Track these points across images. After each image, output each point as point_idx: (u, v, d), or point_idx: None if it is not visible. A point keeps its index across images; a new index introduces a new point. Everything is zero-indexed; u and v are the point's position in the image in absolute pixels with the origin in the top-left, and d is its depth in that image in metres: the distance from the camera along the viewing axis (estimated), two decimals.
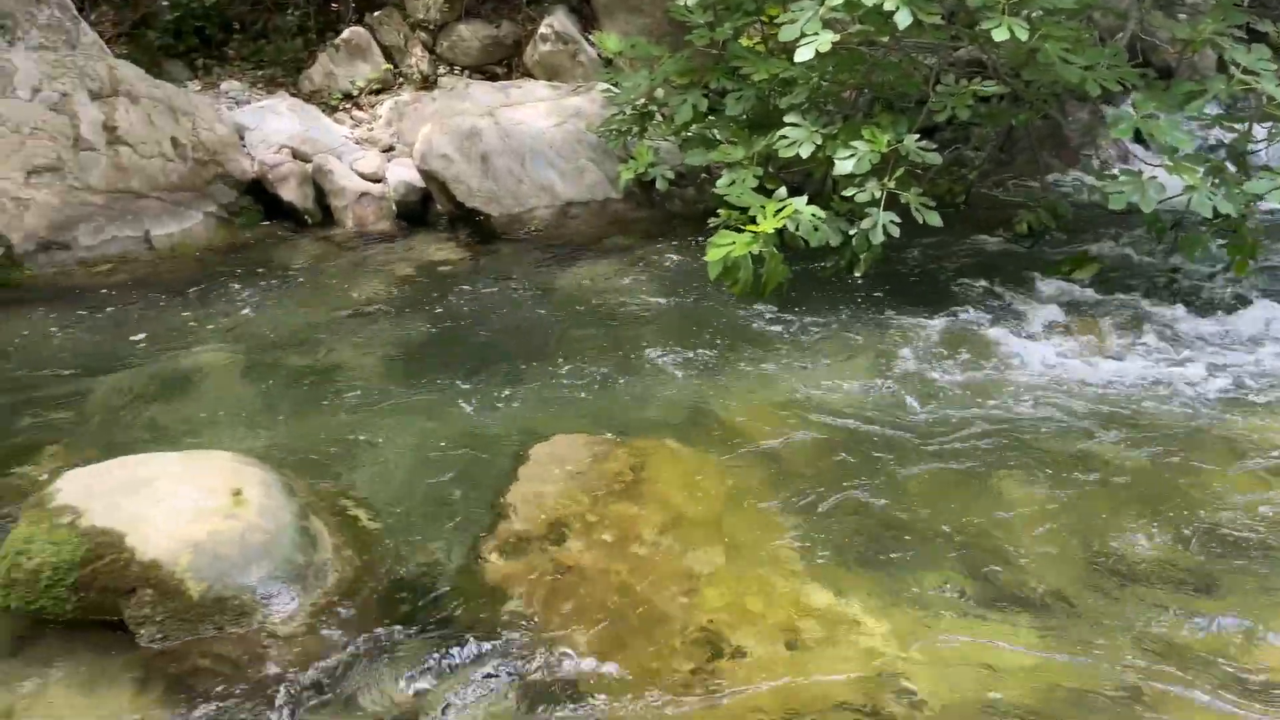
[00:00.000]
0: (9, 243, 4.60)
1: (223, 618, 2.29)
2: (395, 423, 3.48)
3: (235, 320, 4.43)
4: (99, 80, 5.00)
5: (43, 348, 4.11)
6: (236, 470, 2.63)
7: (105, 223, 4.87)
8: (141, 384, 3.83)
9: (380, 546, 2.74)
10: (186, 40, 6.87)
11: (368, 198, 5.52)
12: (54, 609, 2.30)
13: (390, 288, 4.77)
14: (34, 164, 4.72)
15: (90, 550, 2.28)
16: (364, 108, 6.72)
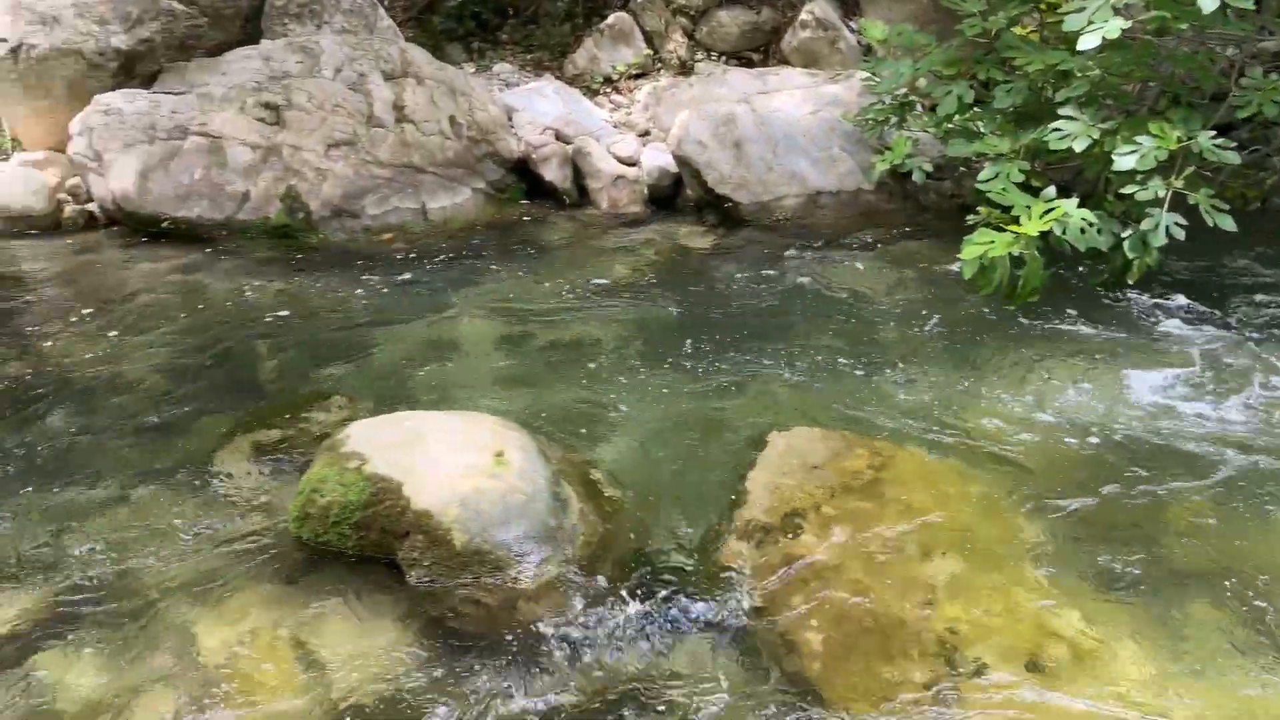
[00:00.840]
0: (308, 209, 5.12)
1: (481, 568, 2.47)
2: (638, 398, 3.60)
3: (495, 290, 4.72)
4: (392, 62, 5.45)
5: (332, 305, 4.55)
6: (499, 433, 2.82)
7: (389, 194, 5.31)
8: (412, 344, 4.16)
9: (622, 517, 2.86)
10: (465, 25, 7.35)
11: (622, 180, 5.71)
12: (338, 543, 2.57)
13: (639, 268, 4.93)
14: (333, 138, 5.22)
15: (373, 494, 2.53)
16: (623, 92, 6.94)
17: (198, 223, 5.09)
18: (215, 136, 5.13)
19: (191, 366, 3.94)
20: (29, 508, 3.00)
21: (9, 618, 2.50)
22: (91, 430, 3.46)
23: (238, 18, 5.79)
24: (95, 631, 2.46)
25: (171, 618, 2.50)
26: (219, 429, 3.44)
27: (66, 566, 2.72)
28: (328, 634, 2.43)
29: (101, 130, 5.15)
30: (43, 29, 5.45)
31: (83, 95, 5.56)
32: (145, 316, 4.38)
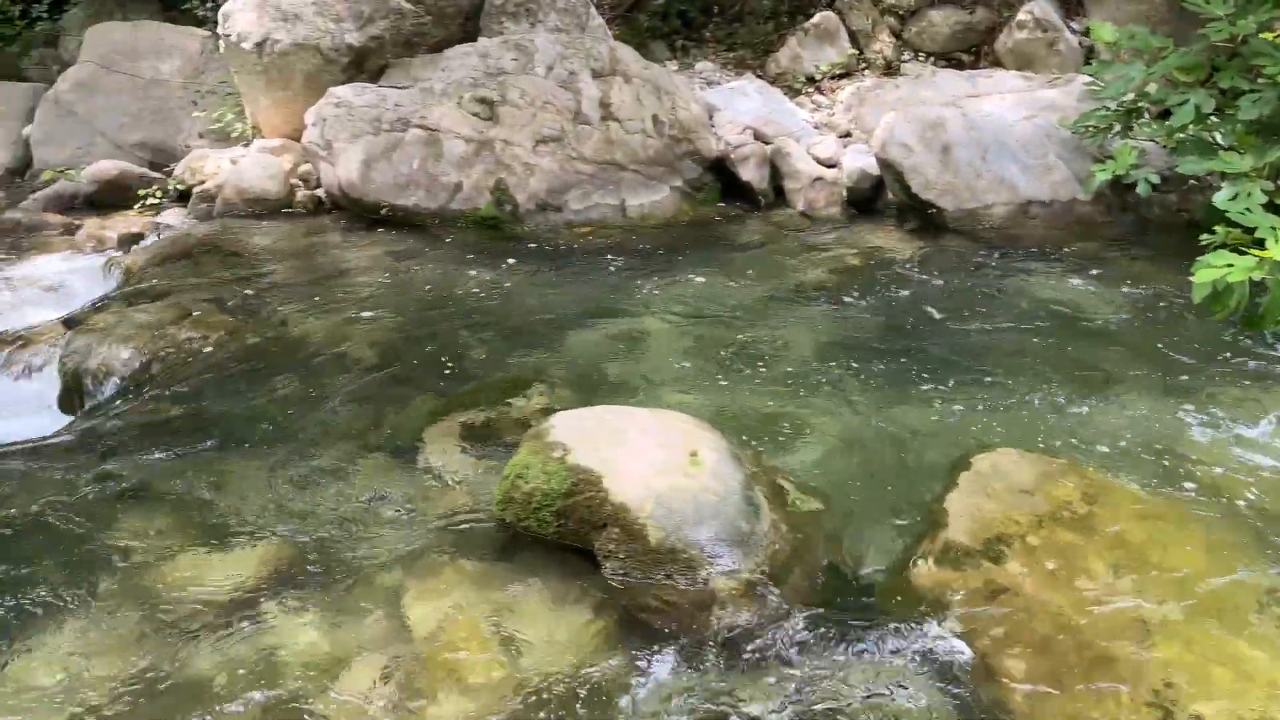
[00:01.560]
0: (515, 201, 5.32)
1: (673, 567, 2.50)
2: (831, 407, 3.55)
3: (688, 289, 4.75)
4: (601, 60, 5.58)
5: (533, 294, 4.71)
6: (693, 433, 2.85)
7: (591, 190, 5.45)
8: (605, 336, 4.26)
9: (813, 528, 2.83)
10: (670, 23, 7.43)
11: (821, 182, 5.64)
12: (538, 529, 2.66)
13: (834, 273, 4.85)
14: (542, 134, 5.40)
15: (573, 485, 2.61)
16: (825, 92, 6.85)
17: (413, 211, 5.38)
18: (433, 130, 5.41)
19: (404, 346, 4.16)
20: (260, 469, 3.26)
21: (246, 570, 2.72)
22: (315, 400, 3.72)
23: (458, 16, 6.07)
24: (316, 591, 2.65)
25: (383, 585, 2.66)
26: (428, 408, 3.63)
27: (292, 526, 2.94)
28: (526, 615, 2.52)
29: (333, 121, 5.52)
30: (285, 25, 5.89)
31: (317, 88, 5.98)
32: (364, 296, 4.67)
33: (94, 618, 2.55)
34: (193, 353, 4.01)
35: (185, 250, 5.08)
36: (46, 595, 2.63)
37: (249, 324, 4.28)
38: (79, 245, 5.65)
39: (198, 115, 6.83)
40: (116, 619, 2.55)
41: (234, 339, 4.14)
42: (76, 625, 2.52)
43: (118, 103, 7.05)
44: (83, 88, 7.05)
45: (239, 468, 3.27)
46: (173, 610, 2.59)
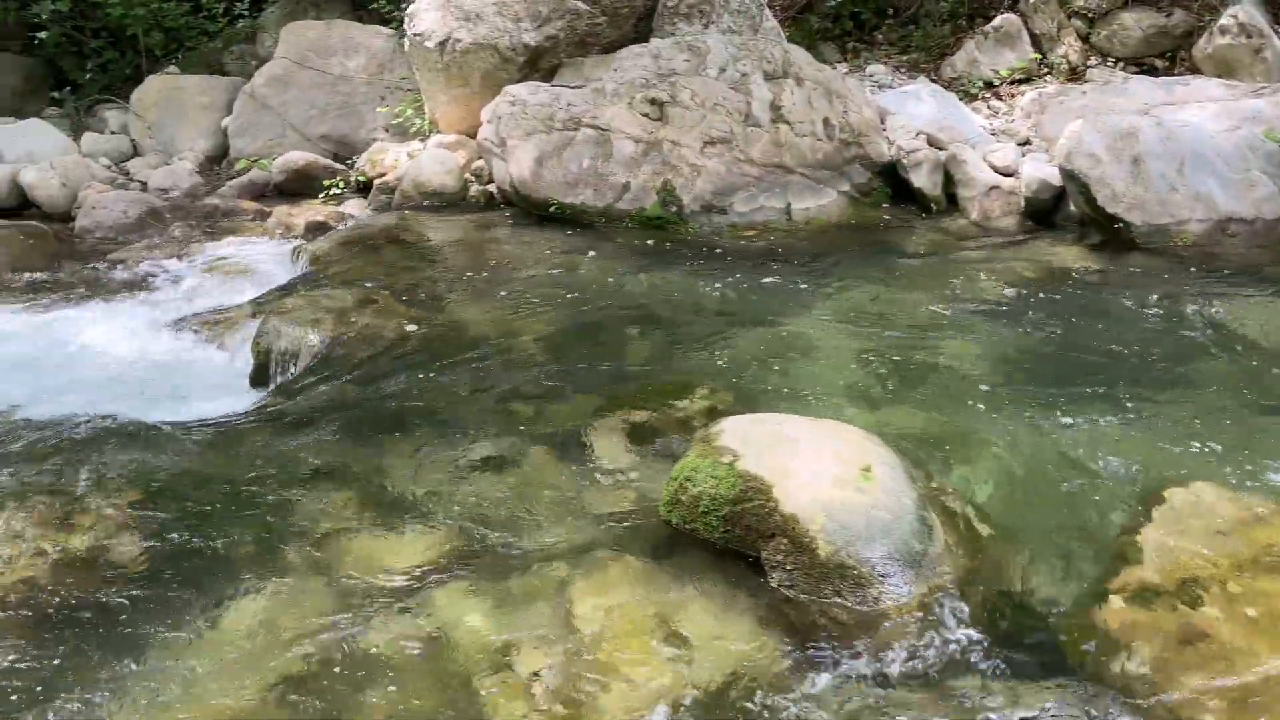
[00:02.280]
0: (681, 202, 5.35)
1: (841, 583, 2.45)
2: (1005, 430, 3.41)
3: (853, 296, 4.66)
4: (774, 62, 5.54)
5: (695, 296, 4.71)
6: (865, 446, 2.78)
7: (757, 193, 5.42)
8: (768, 341, 4.21)
9: (987, 555, 2.72)
10: (843, 24, 7.31)
11: (997, 191, 5.43)
12: (704, 533, 2.66)
13: (1008, 286, 4.66)
14: (710, 135, 5.40)
15: (742, 491, 2.59)
16: (1003, 98, 6.60)
17: (581, 209, 5.47)
18: (604, 129, 5.49)
19: (569, 342, 4.24)
20: (432, 455, 3.38)
21: (419, 553, 2.83)
22: (484, 390, 3.83)
23: (632, 16, 6.14)
24: (484, 579, 2.72)
25: (548, 578, 2.70)
26: (592, 404, 3.68)
27: (462, 513, 3.03)
28: (690, 619, 2.52)
29: (507, 119, 5.67)
30: (467, 25, 6.09)
31: (493, 86, 6.16)
32: (532, 291, 4.78)
33: (284, 586, 2.69)
34: (373, 338, 4.19)
35: (367, 240, 5.33)
36: (244, 559, 2.79)
37: (425, 313, 4.45)
38: (269, 231, 6.00)
39: (381, 110, 7.14)
40: (304, 589, 2.68)
41: (411, 326, 4.31)
42: (269, 590, 2.67)
43: (307, 97, 7.45)
44: (276, 82, 7.48)
45: (412, 452, 3.40)
46: (352, 586, 2.71)
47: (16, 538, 2.76)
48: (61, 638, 2.49)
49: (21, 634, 2.49)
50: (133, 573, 2.73)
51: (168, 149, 7.50)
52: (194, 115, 7.62)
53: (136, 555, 2.79)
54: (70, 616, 2.56)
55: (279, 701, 2.32)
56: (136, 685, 2.36)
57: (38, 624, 2.52)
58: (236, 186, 6.77)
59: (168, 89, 7.68)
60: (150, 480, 3.12)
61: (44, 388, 4.07)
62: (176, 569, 2.77)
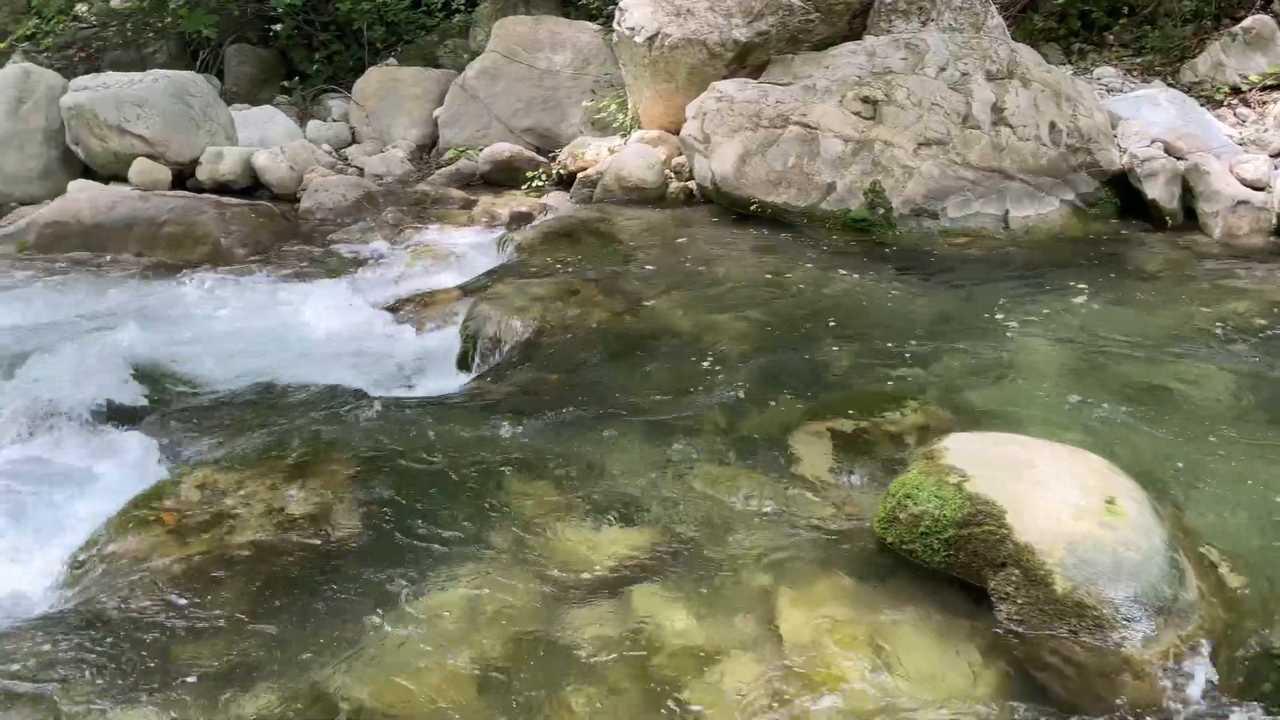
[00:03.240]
0: (889, 205, 5.14)
1: (1079, 623, 2.25)
2: (1258, 466, 3.07)
3: (1074, 313, 4.34)
4: (998, 62, 5.24)
5: (901, 303, 4.51)
6: (1107, 476, 2.55)
7: (972, 198, 5.15)
8: (982, 355, 3.96)
9: (1244, 608, 2.44)
10: (1069, 24, 6.87)
11: (1245, 206, 4.95)
12: (922, 555, 2.50)
13: (1260, 313, 4.23)
14: (925, 136, 5.17)
15: (970, 514, 2.42)
16: (1252, 105, 6.02)
17: (783, 208, 5.35)
18: (812, 128, 5.35)
19: (769, 343, 4.13)
20: (632, 449, 3.35)
21: (620, 548, 2.79)
22: (683, 387, 3.77)
23: (846, 13, 5.96)
24: (685, 581, 2.65)
25: (751, 586, 2.61)
26: (793, 409, 3.56)
27: (662, 512, 2.98)
28: (902, 644, 2.37)
29: (713, 115, 5.62)
30: (677, 20, 6.07)
31: (698, 82, 6.12)
32: (730, 290, 4.69)
33: (490, 569, 2.71)
34: (575, 328, 4.22)
35: (569, 231, 5.39)
36: (453, 538, 2.84)
37: (625, 306, 4.44)
38: (475, 219, 6.18)
39: (586, 105, 7.24)
40: (508, 575, 2.69)
41: (612, 319, 4.31)
42: (476, 572, 2.69)
43: (513, 90, 7.64)
44: (486, 75, 7.70)
45: (612, 446, 3.38)
46: (555, 575, 2.70)
47: (248, 499, 2.91)
48: (282, 598, 2.59)
49: (246, 592, 2.61)
50: (349, 541, 2.82)
51: (383, 137, 7.86)
52: (408, 105, 7.95)
53: (354, 524, 2.87)
54: (291, 578, 2.66)
55: (482, 686, 2.33)
56: (347, 652, 2.42)
57: (262, 583, 2.64)
58: (445, 175, 7.02)
59: (386, 80, 8.06)
60: (366, 452, 3.22)
61: (269, 357, 4.31)
62: (390, 541, 2.84)
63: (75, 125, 6.64)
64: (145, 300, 4.98)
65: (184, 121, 6.72)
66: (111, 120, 6.54)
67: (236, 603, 2.56)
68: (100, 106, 6.56)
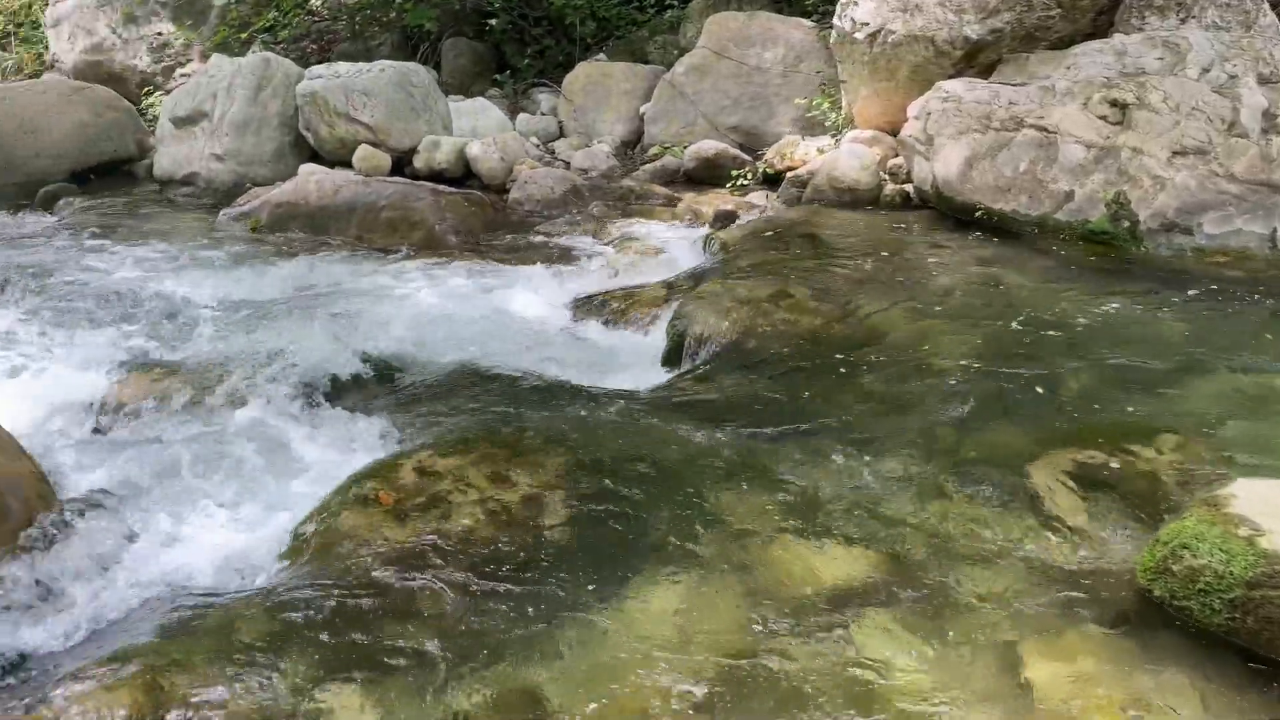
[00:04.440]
0: (1135, 218, 4.69)
1: None
2: None
3: None
4: (1273, 65, 4.70)
5: (1147, 326, 4.09)
6: None
7: (1234, 214, 4.63)
8: (1246, 388, 3.53)
9: None
10: None
11: None
12: (1198, 614, 2.20)
13: None
14: (1181, 145, 4.69)
15: (1265, 575, 2.10)
16: None
17: (1010, 216, 4.99)
18: (1049, 131, 4.95)
19: (993, 362, 3.82)
20: (844, 463, 3.15)
21: (837, 570, 2.61)
22: (898, 402, 3.53)
23: (1091, 10, 5.51)
24: (913, 616, 2.44)
25: (989, 630, 2.38)
26: (1026, 436, 3.26)
27: (881, 536, 2.77)
28: (1174, 714, 2.08)
29: (937, 116, 5.30)
30: (903, 16, 5.78)
31: (920, 81, 5.81)
32: (949, 301, 4.40)
33: (699, 579, 2.59)
34: (782, 333, 4.05)
35: (777, 232, 5.22)
36: (660, 541, 2.73)
37: (836, 312, 4.23)
38: (679, 216, 6.10)
39: (799, 102, 7.04)
40: (718, 589, 2.56)
41: (822, 325, 4.11)
42: (684, 580, 2.58)
43: (721, 87, 7.52)
44: (694, 71, 7.62)
45: (826, 459, 3.19)
46: (767, 593, 2.54)
47: (462, 485, 2.90)
48: (493, 589, 2.56)
49: (458, 579, 2.59)
50: (559, 535, 2.76)
51: (589, 132, 7.92)
52: (615, 101, 7.98)
53: (563, 518, 2.82)
54: (502, 569, 2.63)
55: (690, 706, 2.21)
56: (556, 653, 2.35)
57: (474, 571, 2.61)
58: (649, 171, 6.98)
59: (594, 75, 8.11)
60: (574, 445, 3.17)
61: (477, 344, 4.34)
62: (598, 538, 2.76)
63: (308, 111, 7.00)
64: (363, 281, 5.15)
65: (405, 111, 6.96)
66: (340, 108, 6.85)
67: (449, 589, 2.54)
68: (331, 94, 6.88)
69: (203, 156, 7.14)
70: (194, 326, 4.53)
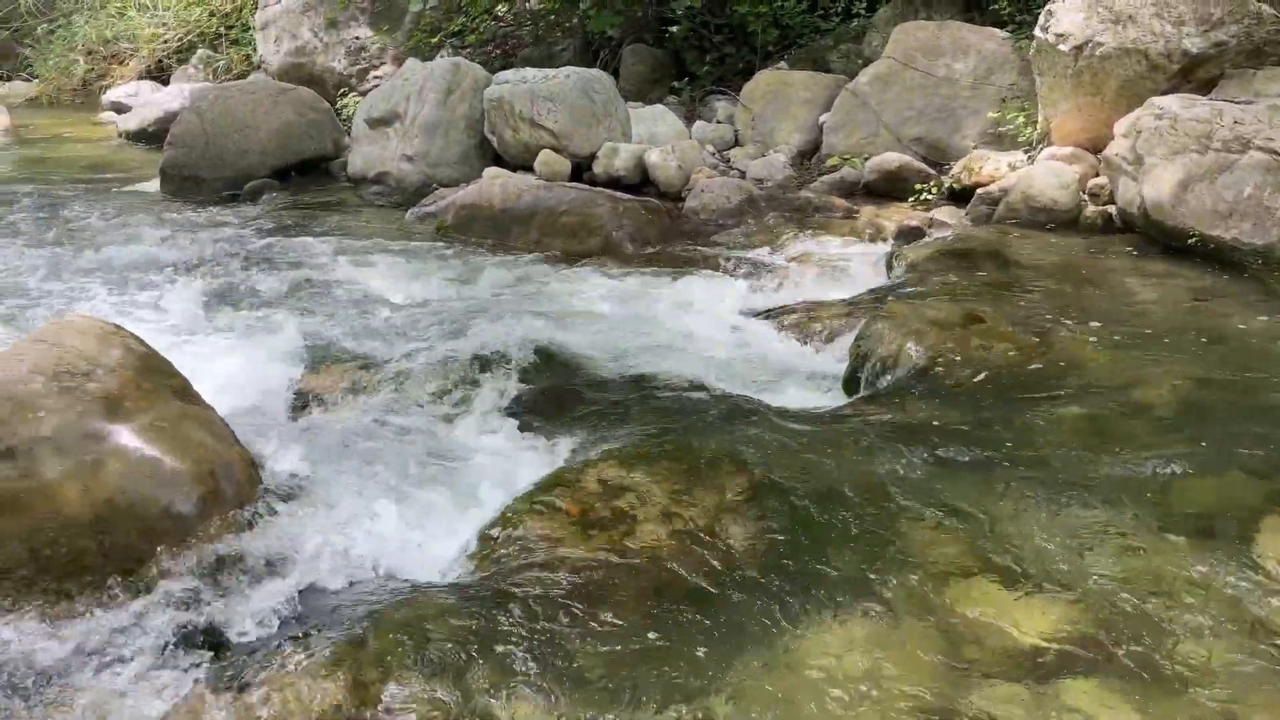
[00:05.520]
0: None
1: None
2: None
3: None
4: None
5: None
6: None
7: None
8: None
9: None
10: None
11: None
12: None
13: None
14: None
15: None
16: None
17: (1230, 245, 4.61)
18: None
19: (1208, 404, 3.53)
20: (1042, 508, 2.95)
21: (1042, 628, 2.44)
22: (1101, 443, 3.29)
23: None
24: (1129, 683, 2.26)
25: (1213, 708, 2.17)
26: (1250, 488, 2.98)
27: (1085, 589, 2.58)
28: None
29: (1149, 134, 4.96)
30: (1114, 28, 5.45)
31: (1128, 96, 5.46)
32: (1157, 335, 4.09)
33: (886, 618, 2.48)
34: (976, 360, 3.85)
35: (966, 251, 5.00)
36: (845, 575, 2.64)
37: (1033, 340, 4.00)
38: (858, 231, 5.94)
39: (991, 115, 6.75)
40: (908, 630, 2.45)
41: (1018, 354, 3.90)
42: (870, 618, 2.48)
43: (905, 98, 7.28)
44: (879, 81, 7.41)
45: (1021, 497, 3.01)
46: (963, 641, 2.41)
47: (645, 500, 2.88)
48: (674, 610, 2.52)
49: (640, 597, 2.57)
50: (741, 559, 2.71)
51: (765, 141, 7.82)
52: (794, 110, 7.85)
53: (745, 542, 2.76)
54: (683, 590, 2.59)
55: None
56: (740, 686, 2.30)
57: (656, 590, 2.58)
58: (827, 183, 6.83)
59: (775, 83, 8.00)
60: (756, 466, 3.10)
61: (652, 353, 4.34)
62: (781, 567, 2.69)
63: (493, 116, 7.19)
64: (542, 286, 5.24)
65: (587, 116, 7.06)
66: (525, 113, 7.01)
67: (631, 606, 2.52)
68: (517, 99, 7.05)
69: (394, 157, 7.44)
70: (383, 322, 4.71)
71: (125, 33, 13.19)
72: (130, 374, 2.84)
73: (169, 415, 2.79)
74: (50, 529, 2.49)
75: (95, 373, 2.77)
